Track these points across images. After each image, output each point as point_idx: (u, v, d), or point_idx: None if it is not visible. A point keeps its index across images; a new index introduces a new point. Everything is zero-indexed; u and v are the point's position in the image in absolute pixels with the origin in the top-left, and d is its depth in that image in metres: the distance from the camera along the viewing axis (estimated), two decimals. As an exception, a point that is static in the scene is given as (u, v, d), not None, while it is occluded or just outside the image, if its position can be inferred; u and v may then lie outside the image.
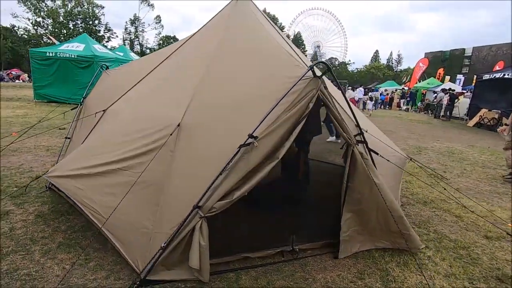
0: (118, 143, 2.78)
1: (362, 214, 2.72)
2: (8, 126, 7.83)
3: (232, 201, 2.14)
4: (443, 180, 5.40)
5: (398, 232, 2.64)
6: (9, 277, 2.22)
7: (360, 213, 2.71)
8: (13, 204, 3.42)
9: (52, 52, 13.26)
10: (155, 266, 2.21)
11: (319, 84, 2.17)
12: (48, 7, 45.81)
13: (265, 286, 2.30)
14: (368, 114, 17.68)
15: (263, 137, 2.12)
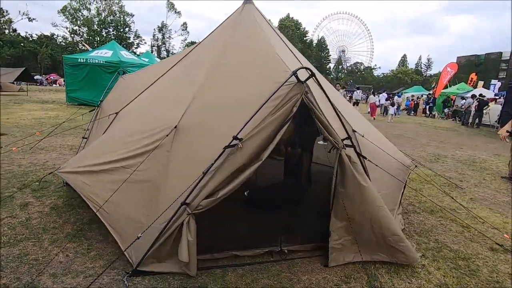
0: (123, 143, 2.99)
1: (355, 223, 2.65)
2: (40, 126, 8.51)
3: (217, 199, 2.25)
4: (457, 189, 5.20)
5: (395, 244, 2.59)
6: (19, 261, 2.47)
7: (353, 222, 2.64)
8: (33, 197, 3.75)
9: (83, 58, 14.20)
10: (146, 258, 2.37)
11: (303, 89, 2.24)
12: (84, 16, 48.95)
13: (249, 283, 2.38)
14: (390, 120, 17.17)
15: (247, 139, 2.22)
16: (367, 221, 2.60)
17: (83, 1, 49.63)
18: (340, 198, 2.57)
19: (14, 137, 6.81)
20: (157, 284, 2.30)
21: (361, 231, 2.64)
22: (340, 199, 2.57)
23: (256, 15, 3.79)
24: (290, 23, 62.65)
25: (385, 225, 2.57)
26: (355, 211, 2.60)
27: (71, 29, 49.28)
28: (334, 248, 2.64)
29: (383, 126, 14.11)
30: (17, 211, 3.35)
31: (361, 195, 2.55)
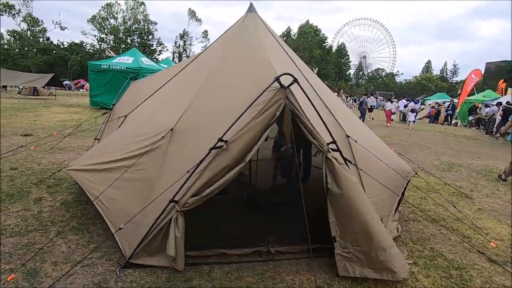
0: (125, 144, 3.20)
1: (360, 231, 2.52)
2: (62, 128, 9.06)
3: (203, 198, 2.38)
4: (465, 199, 5.04)
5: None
6: (26, 249, 2.70)
7: (359, 229, 2.51)
8: (47, 193, 4.05)
9: (106, 65, 14.98)
10: (138, 251, 2.53)
11: (286, 93, 2.33)
12: (111, 25, 51.46)
13: (234, 280, 2.47)
14: (409, 127, 16.76)
15: (232, 141, 2.34)
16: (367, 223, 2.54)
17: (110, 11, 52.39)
18: (336, 199, 2.53)
19: (38, 138, 7.32)
20: (146, 276, 2.45)
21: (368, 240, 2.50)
22: (336, 199, 2.53)
23: (257, 24, 3.93)
24: (309, 29, 62.62)
25: (373, 236, 2.52)
26: (351, 210, 2.52)
27: (99, 37, 52.08)
28: (344, 257, 2.54)
29: (399, 133, 13.80)
30: (31, 204, 3.64)
31: (356, 193, 2.54)
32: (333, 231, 2.59)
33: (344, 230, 2.55)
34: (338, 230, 2.58)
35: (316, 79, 4.03)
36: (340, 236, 2.58)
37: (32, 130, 8.65)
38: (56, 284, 2.28)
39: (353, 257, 2.54)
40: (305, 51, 59.54)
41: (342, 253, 2.59)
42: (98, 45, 52.05)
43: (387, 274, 2.44)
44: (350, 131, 3.35)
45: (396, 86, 79.38)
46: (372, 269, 2.47)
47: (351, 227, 2.53)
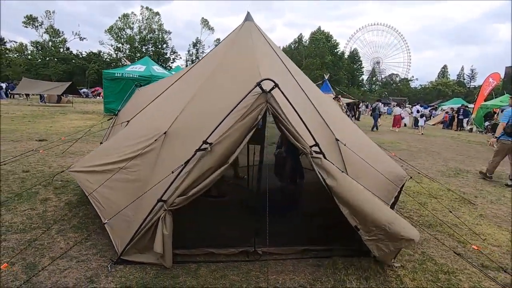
0: (123, 146, 3.37)
1: (369, 211, 2.51)
2: (75, 134, 9.45)
3: (189, 197, 2.49)
4: (468, 205, 4.94)
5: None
6: (28, 245, 2.88)
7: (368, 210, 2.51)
8: (53, 194, 4.28)
9: (120, 73, 15.54)
10: (129, 249, 2.66)
11: (268, 98, 2.43)
12: (127, 35, 53.26)
13: (218, 278, 2.56)
14: (420, 132, 16.52)
15: (216, 143, 2.45)
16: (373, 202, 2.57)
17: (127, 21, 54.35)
18: (338, 190, 2.54)
19: (51, 143, 7.68)
20: (135, 272, 2.57)
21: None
22: (338, 190, 2.54)
23: (253, 32, 4.07)
24: (320, 35, 62.70)
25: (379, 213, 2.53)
26: (357, 195, 2.57)
27: (116, 47, 53.97)
28: (372, 240, 2.54)
29: (408, 139, 13.58)
30: (37, 204, 3.86)
31: (349, 180, 2.59)
32: (352, 221, 2.54)
33: (361, 216, 2.52)
34: (356, 218, 2.54)
35: (309, 85, 4.11)
36: (360, 223, 2.53)
37: (47, 135, 9.08)
38: (52, 277, 2.43)
39: (380, 236, 2.52)
40: (317, 58, 59.57)
41: (370, 238, 2.55)
42: (114, 54, 53.98)
43: (405, 242, 2.48)
44: (340, 135, 3.40)
45: (410, 92, 77.92)
46: (393, 242, 2.48)
47: (364, 210, 2.51)
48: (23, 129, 9.94)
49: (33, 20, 50.53)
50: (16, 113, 15.16)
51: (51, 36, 52.02)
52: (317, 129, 3.32)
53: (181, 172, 2.49)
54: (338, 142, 3.30)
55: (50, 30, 51.90)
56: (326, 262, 2.87)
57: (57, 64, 47.43)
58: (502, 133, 6.23)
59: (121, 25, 54.73)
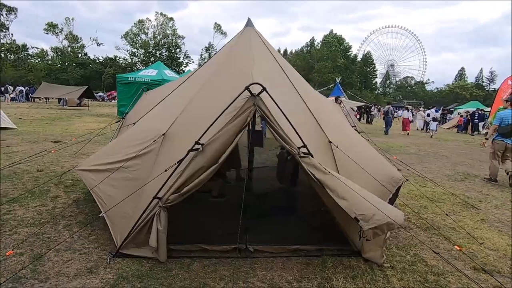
0: (125, 147, 3.57)
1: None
2: (88, 135, 9.85)
3: (182, 194, 2.64)
4: (470, 209, 4.88)
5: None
6: (36, 238, 3.10)
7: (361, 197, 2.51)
8: (63, 191, 4.53)
9: (132, 77, 16.04)
10: (127, 243, 2.82)
11: (256, 101, 2.56)
12: (142, 40, 54.70)
13: (209, 272, 2.68)
14: (430, 135, 16.25)
15: (208, 144, 2.60)
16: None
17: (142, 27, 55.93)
18: (329, 183, 2.57)
19: (65, 144, 8.05)
20: (132, 265, 2.73)
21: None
22: (329, 183, 2.57)
23: (252, 38, 4.22)
24: (332, 39, 62.41)
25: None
26: (347, 185, 2.58)
27: (131, 51, 55.56)
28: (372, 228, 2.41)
29: (419, 143, 13.37)
30: (48, 201, 4.11)
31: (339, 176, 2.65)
32: (351, 213, 2.47)
33: (359, 205, 2.47)
34: (356, 210, 2.46)
35: (306, 88, 4.21)
36: (359, 211, 2.45)
37: (62, 137, 9.51)
38: (55, 267, 2.62)
39: (384, 215, 2.37)
40: (329, 61, 59.27)
41: (370, 226, 2.41)
42: (130, 59, 55.53)
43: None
44: (334, 137, 3.48)
45: (426, 95, 76.29)
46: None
47: (358, 199, 2.50)
48: (40, 131, 10.44)
49: (53, 27, 52.75)
50: (35, 115, 15.88)
51: (70, 42, 54.12)
52: (310, 132, 3.43)
53: (175, 170, 2.64)
54: (331, 144, 3.39)
55: (69, 37, 54.01)
56: (315, 261, 2.94)
57: (75, 69, 49.24)
58: (496, 134, 6.52)
59: (136, 30, 56.36)
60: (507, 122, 6.28)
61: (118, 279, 2.51)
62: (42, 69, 48.15)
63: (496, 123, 6.52)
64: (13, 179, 4.98)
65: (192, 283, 2.52)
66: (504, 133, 6.33)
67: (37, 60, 52.99)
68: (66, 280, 2.47)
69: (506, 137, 6.34)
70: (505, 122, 6.32)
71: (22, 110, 18.72)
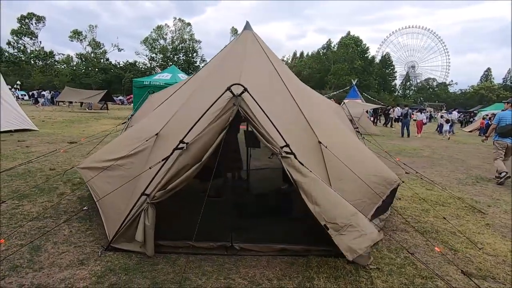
0: (123, 146, 3.73)
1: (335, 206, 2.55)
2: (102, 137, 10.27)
3: (167, 191, 2.73)
4: (476, 213, 4.70)
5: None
6: (38, 230, 3.30)
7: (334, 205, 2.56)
8: (70, 189, 4.77)
9: (148, 81, 16.55)
10: (118, 237, 2.95)
11: (238, 101, 2.62)
12: (160, 45, 56.28)
13: (194, 268, 2.76)
14: (445, 137, 15.70)
15: (192, 142, 2.68)
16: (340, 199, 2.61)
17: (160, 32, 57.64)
18: (305, 187, 2.58)
19: (80, 145, 8.45)
20: (121, 258, 2.85)
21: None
22: (306, 187, 2.58)
23: (248, 41, 4.31)
24: (349, 40, 61.53)
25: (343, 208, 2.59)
26: (324, 191, 2.60)
27: (150, 56, 57.28)
28: (341, 239, 2.43)
29: (434, 146, 12.94)
30: (54, 197, 4.35)
31: (316, 178, 2.67)
32: (321, 220, 2.51)
33: (331, 213, 2.50)
34: (325, 216, 2.50)
35: (301, 90, 4.22)
36: (329, 220, 2.49)
37: (79, 138, 9.96)
38: (50, 258, 2.79)
39: (348, 233, 2.42)
40: (345, 63, 58.45)
41: (340, 234, 2.45)
42: (148, 63, 57.25)
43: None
44: (325, 138, 3.49)
45: (449, 97, 73.44)
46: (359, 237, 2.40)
47: (332, 206, 2.52)
48: (59, 133, 11.00)
49: (78, 34, 55.37)
50: (57, 118, 16.71)
51: (93, 48, 56.53)
52: (300, 132, 3.46)
53: (161, 168, 2.75)
54: (321, 144, 3.39)
55: (92, 43, 56.45)
56: (300, 260, 2.95)
57: (97, 73, 51.38)
58: (496, 135, 6.66)
59: (155, 36, 58.10)
60: (505, 122, 6.44)
61: (106, 271, 2.64)
62: (67, 74, 50.53)
63: (495, 122, 6.69)
64: (26, 177, 5.29)
65: (175, 277, 2.61)
66: (503, 133, 6.46)
67: (63, 66, 55.68)
68: (58, 270, 2.62)
69: (505, 137, 6.47)
70: (503, 122, 6.48)
71: (46, 113, 19.75)
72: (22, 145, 8.32)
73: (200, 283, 2.54)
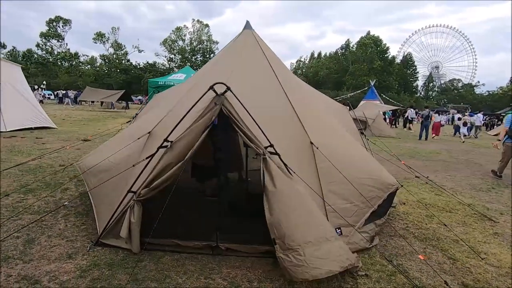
0: (118, 143, 3.82)
1: (294, 227, 2.57)
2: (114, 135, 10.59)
3: (152, 189, 2.76)
4: (486, 221, 4.43)
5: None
6: (35, 224, 3.43)
7: (287, 218, 2.55)
8: (74, 185, 4.94)
9: (163, 82, 16.90)
10: (107, 233, 3.02)
11: (221, 100, 2.60)
12: (179, 46, 57.41)
13: (176, 266, 2.77)
14: (461, 140, 15.09)
15: (176, 141, 2.70)
16: (306, 217, 2.58)
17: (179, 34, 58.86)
18: (271, 197, 2.59)
19: (93, 142, 8.76)
20: (108, 253, 2.91)
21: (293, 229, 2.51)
22: (271, 197, 2.59)
23: (247, 40, 4.30)
24: (368, 40, 60.10)
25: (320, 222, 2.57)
26: (291, 207, 2.58)
27: (169, 57, 58.59)
28: (284, 260, 2.43)
29: (453, 149, 12.39)
30: (58, 193, 4.51)
31: (293, 192, 2.63)
32: (272, 233, 2.57)
33: (281, 230, 2.52)
34: (276, 231, 2.57)
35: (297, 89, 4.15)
36: (278, 236, 2.56)
37: (93, 136, 10.31)
38: (41, 250, 2.89)
39: (289, 258, 2.45)
40: (364, 63, 57.16)
41: (283, 255, 2.49)
42: (167, 64, 58.56)
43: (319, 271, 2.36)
44: (317, 139, 3.40)
45: (475, 98, 70.08)
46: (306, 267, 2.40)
47: (289, 225, 2.51)
48: (76, 131, 11.44)
49: (101, 36, 57.52)
50: (77, 117, 17.41)
51: (115, 49, 58.52)
52: (291, 132, 3.40)
53: (146, 166, 2.78)
54: (313, 145, 3.32)
55: (114, 45, 58.44)
56: (286, 263, 2.89)
57: (118, 74, 53.14)
58: (506, 137, 6.89)
59: (174, 37, 59.36)
60: None
61: (91, 265, 2.70)
62: (90, 75, 52.60)
63: (507, 125, 6.86)
64: (36, 172, 5.54)
65: (156, 274, 2.63)
66: None
67: (87, 67, 58.03)
68: (46, 263, 2.71)
69: None
70: None
71: (68, 112, 20.64)
72: (38, 142, 8.72)
73: (180, 282, 2.55)
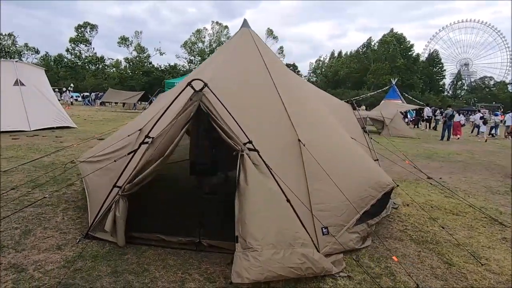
0: (115, 140, 3.95)
1: (259, 218, 2.51)
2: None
3: (134, 184, 2.82)
4: (496, 226, 4.15)
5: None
6: (35, 217, 3.61)
7: (257, 217, 2.51)
8: (79, 181, 5.14)
9: (178, 82, 17.30)
10: (96, 227, 3.12)
11: (199, 96, 2.61)
12: (199, 48, 58.48)
13: (158, 260, 2.81)
14: (482, 139, 14.26)
15: (157, 137, 2.74)
16: (273, 218, 2.55)
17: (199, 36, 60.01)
18: (242, 194, 2.57)
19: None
20: (95, 246, 3.00)
21: (268, 228, 2.49)
22: (242, 194, 2.56)
23: (243, 38, 4.30)
24: (391, 38, 58.16)
25: (288, 226, 2.54)
26: (260, 206, 2.56)
27: (189, 59, 59.80)
28: (241, 259, 2.37)
29: (475, 150, 11.74)
30: (63, 188, 4.73)
31: (265, 191, 2.60)
32: (237, 230, 2.49)
33: (245, 228, 2.45)
34: (241, 229, 2.46)
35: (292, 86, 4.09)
36: (242, 235, 2.45)
37: (108, 135, 10.71)
38: (34, 241, 3.04)
39: (246, 257, 2.35)
40: (386, 62, 55.39)
41: (242, 254, 2.39)
42: (187, 66, 59.79)
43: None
44: (307, 136, 3.34)
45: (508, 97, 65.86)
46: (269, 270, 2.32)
47: (252, 223, 2.46)
48: (93, 130, 11.94)
49: (125, 40, 59.77)
50: (98, 117, 18.19)
51: (138, 52, 60.59)
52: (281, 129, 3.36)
53: (130, 161, 2.85)
54: (300, 142, 3.25)
55: (137, 48, 60.51)
56: (267, 261, 2.85)
57: (140, 76, 54.98)
58: None
59: (194, 39, 60.55)
60: None
61: (77, 257, 2.80)
62: (115, 77, 54.79)
63: None
64: (48, 168, 5.83)
65: (136, 268, 2.68)
66: None
67: (112, 70, 60.50)
68: (36, 253, 2.84)
69: None
70: None
71: (90, 112, 21.62)
72: (57, 141, 9.19)
73: (157, 275, 2.58)
